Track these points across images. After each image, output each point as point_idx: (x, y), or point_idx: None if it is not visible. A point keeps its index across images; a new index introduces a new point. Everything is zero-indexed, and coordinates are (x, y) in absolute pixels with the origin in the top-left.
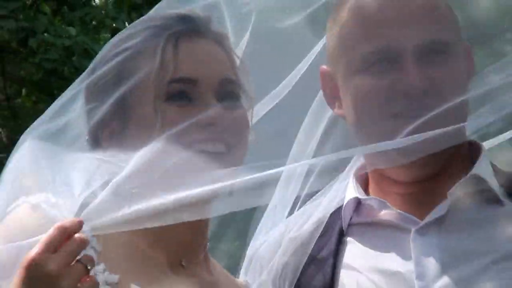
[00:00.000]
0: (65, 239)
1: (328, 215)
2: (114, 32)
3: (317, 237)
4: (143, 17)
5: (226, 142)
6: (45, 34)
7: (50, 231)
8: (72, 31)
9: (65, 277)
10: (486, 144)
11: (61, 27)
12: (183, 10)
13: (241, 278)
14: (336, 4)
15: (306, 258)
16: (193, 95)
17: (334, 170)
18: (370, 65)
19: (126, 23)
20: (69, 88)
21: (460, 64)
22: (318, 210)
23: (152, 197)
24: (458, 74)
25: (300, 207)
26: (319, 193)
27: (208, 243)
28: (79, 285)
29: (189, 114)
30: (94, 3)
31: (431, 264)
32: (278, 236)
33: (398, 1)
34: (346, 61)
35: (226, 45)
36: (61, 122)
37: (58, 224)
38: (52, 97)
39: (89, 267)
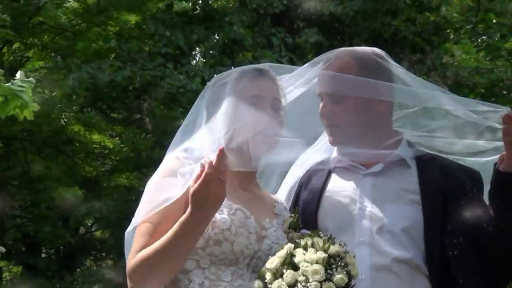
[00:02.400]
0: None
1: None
2: (202, 79)
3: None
4: (241, 67)
5: (273, 129)
6: (168, 79)
7: (204, 162)
8: (181, 77)
9: (215, 188)
10: None
11: (177, 75)
12: (256, 66)
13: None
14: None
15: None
16: (258, 104)
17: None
18: (321, 101)
19: (208, 74)
20: (196, 102)
21: (350, 104)
22: (315, 158)
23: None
24: (348, 109)
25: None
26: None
27: (257, 177)
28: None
29: (255, 114)
30: (191, 64)
31: (367, 193)
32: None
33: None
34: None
35: (276, 81)
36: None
37: (208, 160)
38: (171, 110)
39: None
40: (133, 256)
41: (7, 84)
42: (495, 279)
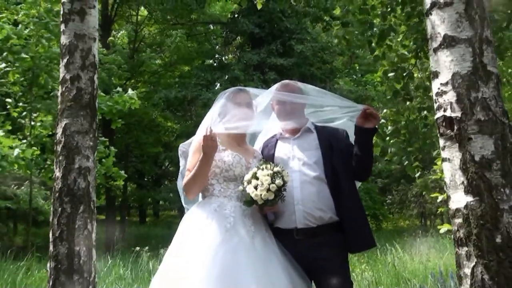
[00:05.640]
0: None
1: (272, 135)
2: None
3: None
4: (230, 88)
5: (247, 118)
6: (203, 96)
7: (204, 134)
8: (209, 95)
9: (210, 144)
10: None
11: (207, 94)
12: (239, 87)
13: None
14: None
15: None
16: (240, 106)
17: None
18: (276, 105)
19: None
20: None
21: (298, 106)
22: (269, 133)
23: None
24: (296, 108)
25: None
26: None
27: (246, 138)
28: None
29: (238, 111)
30: (215, 88)
31: (295, 149)
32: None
33: (286, 93)
34: (274, 105)
35: (249, 94)
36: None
37: (204, 134)
38: (204, 111)
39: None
40: (183, 180)
41: (125, 95)
42: (356, 177)
